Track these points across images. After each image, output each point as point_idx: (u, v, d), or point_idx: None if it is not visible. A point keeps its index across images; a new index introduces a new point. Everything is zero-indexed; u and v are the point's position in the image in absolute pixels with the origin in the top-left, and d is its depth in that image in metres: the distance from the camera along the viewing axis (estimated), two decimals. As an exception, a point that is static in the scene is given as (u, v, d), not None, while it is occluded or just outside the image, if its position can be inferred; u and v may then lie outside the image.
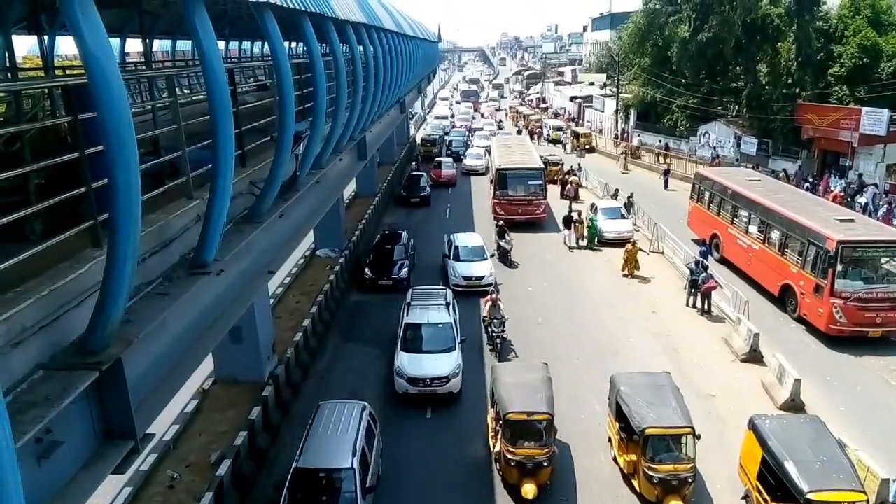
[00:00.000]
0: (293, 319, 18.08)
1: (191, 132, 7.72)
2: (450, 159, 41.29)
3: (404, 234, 23.90)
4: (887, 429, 13.58)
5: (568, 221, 26.84)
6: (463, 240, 23.29)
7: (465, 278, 21.36)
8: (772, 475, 10.31)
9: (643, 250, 24.29)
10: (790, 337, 18.13)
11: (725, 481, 11.93)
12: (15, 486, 2.88)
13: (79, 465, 5.35)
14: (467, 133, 54.22)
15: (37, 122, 7.17)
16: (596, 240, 26.34)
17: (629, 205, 29.65)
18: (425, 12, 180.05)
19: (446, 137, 51.36)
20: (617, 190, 32.45)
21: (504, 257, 24.32)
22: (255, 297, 11.52)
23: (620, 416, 12.14)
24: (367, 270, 21.81)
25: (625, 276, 22.87)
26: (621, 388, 12.29)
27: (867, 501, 9.61)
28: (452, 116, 67.44)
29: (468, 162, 42.12)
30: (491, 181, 29.69)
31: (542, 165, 30.64)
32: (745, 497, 11.24)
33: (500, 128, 60.88)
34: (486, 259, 22.26)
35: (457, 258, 22.19)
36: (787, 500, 9.85)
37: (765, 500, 10.38)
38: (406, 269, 21.85)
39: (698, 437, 11.26)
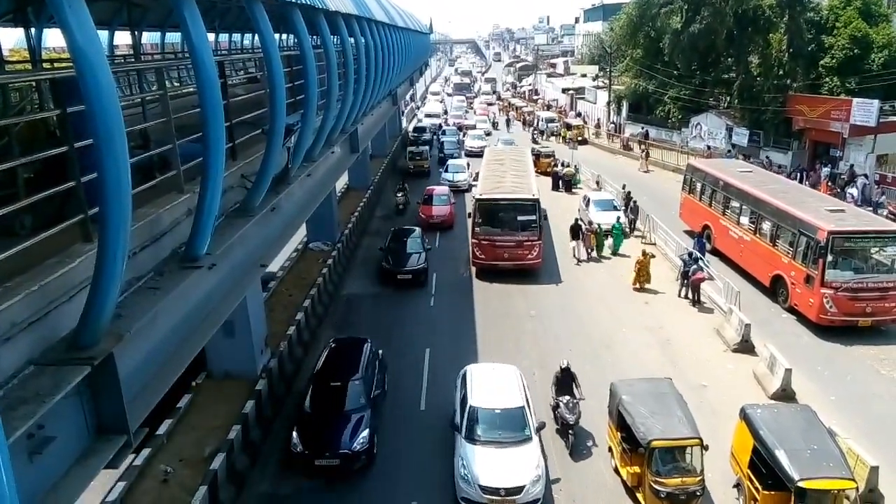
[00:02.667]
0: (286, 312, 18.03)
1: (181, 125, 7.68)
2: (445, 188, 30.94)
3: (366, 349, 14.28)
4: (877, 417, 13.73)
5: (576, 231, 23.69)
6: (485, 388, 12.62)
7: (488, 490, 10.97)
8: (763, 464, 10.41)
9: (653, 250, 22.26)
10: (781, 327, 18.24)
11: (717, 470, 12.01)
12: (7, 481, 2.87)
13: (71, 460, 5.35)
14: (459, 133, 50.46)
15: (24, 116, 7.09)
16: (619, 249, 24.04)
17: (635, 208, 27.31)
18: (417, 3, 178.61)
19: (437, 138, 47.36)
20: (630, 198, 28.38)
21: (564, 432, 13.12)
22: (247, 291, 11.52)
23: (623, 425, 11.64)
24: (294, 436, 12.17)
25: (636, 289, 20.78)
26: (623, 396, 11.76)
27: (857, 489, 9.74)
28: (445, 113, 64.31)
29: (448, 176, 34.99)
30: (469, 214, 23.21)
31: (538, 196, 22.70)
32: (737, 485, 11.34)
33: (494, 127, 58.96)
34: (529, 438, 11.83)
35: (472, 436, 11.76)
36: (778, 488, 9.98)
37: (756, 488, 10.48)
38: (366, 433, 12.18)
39: (706, 448, 10.75)
